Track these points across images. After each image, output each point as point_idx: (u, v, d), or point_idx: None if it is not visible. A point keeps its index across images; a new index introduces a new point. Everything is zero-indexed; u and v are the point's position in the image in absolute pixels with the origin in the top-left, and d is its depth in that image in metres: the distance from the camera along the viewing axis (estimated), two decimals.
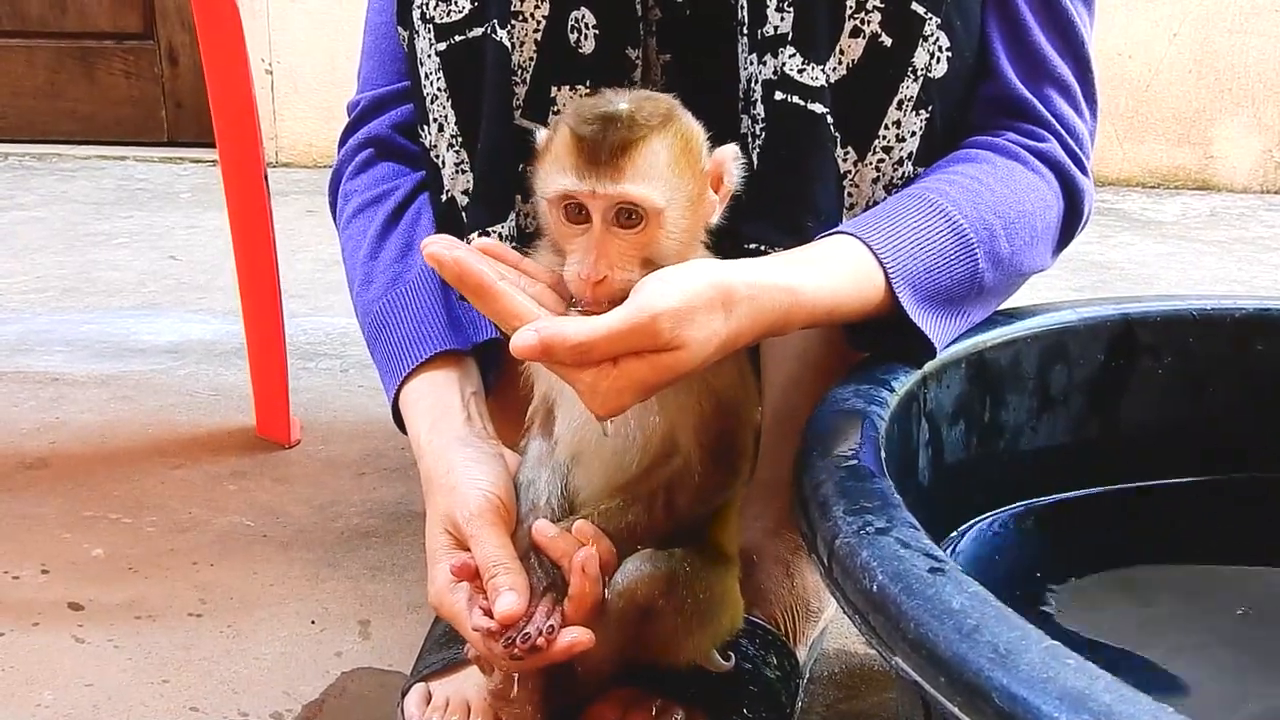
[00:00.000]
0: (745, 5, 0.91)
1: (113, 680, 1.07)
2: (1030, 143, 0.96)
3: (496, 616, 0.78)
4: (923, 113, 0.93)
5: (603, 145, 0.76)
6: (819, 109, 0.90)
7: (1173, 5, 3.01)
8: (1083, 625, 0.92)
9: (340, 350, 1.87)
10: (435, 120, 0.98)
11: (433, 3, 0.95)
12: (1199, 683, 0.86)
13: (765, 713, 0.97)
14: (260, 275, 1.51)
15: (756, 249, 0.88)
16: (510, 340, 0.72)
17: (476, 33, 0.93)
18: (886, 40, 0.90)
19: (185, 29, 3.20)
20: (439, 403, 0.93)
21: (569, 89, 0.92)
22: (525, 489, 0.87)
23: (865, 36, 0.90)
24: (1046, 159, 0.96)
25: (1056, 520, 1.02)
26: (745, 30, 0.91)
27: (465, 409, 0.92)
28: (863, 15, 0.89)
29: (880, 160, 0.93)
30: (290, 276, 1.73)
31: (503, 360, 0.97)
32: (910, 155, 0.93)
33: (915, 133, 0.93)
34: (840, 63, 0.90)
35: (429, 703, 0.95)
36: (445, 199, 0.99)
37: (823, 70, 0.89)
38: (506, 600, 0.78)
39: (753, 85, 0.91)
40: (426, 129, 1.00)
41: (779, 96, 0.90)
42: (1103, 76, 1.01)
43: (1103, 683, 0.53)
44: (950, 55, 0.92)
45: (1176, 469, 1.04)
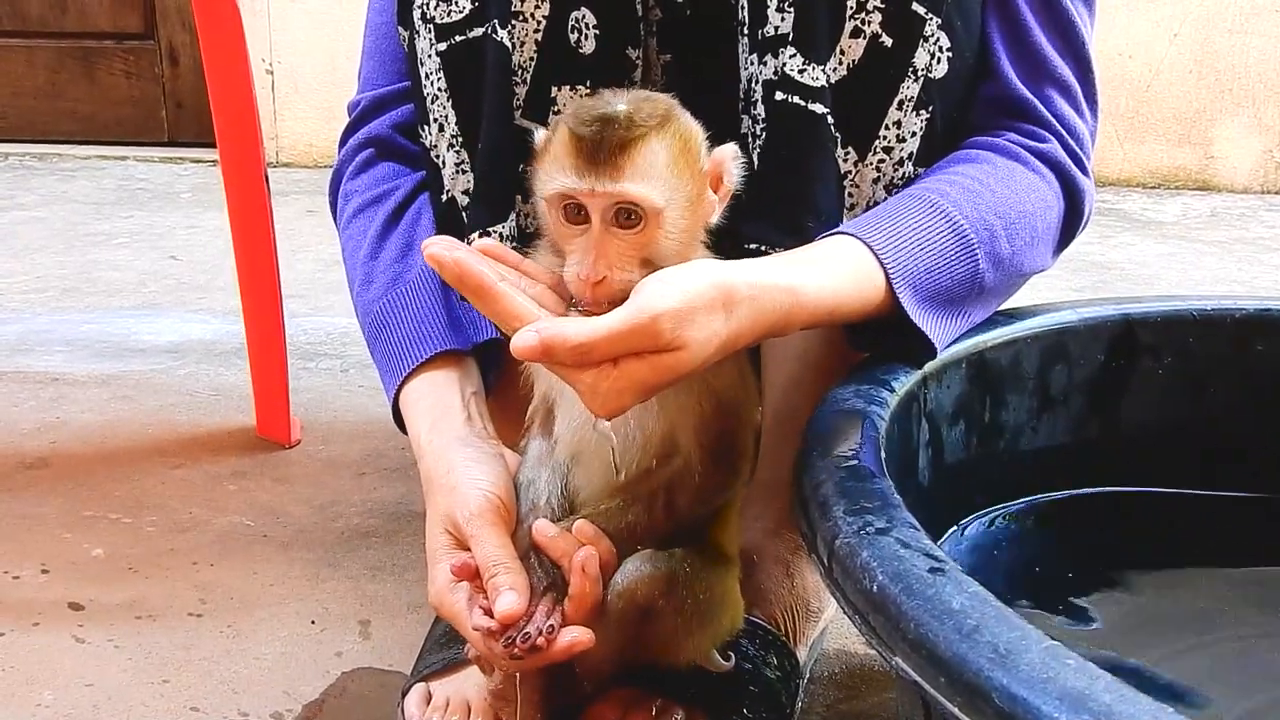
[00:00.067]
0: (746, 5, 0.91)
1: (113, 680, 1.07)
2: (1031, 143, 0.96)
3: (497, 616, 0.78)
4: (923, 113, 0.93)
5: (601, 145, 0.76)
6: (819, 109, 0.90)
7: (1173, 5, 3.01)
8: (1083, 625, 0.92)
9: (340, 350, 1.88)
10: (436, 120, 0.98)
11: (433, 3, 0.95)
12: (1199, 683, 0.86)
13: (765, 713, 0.97)
14: (260, 275, 1.51)
15: (757, 249, 0.88)
16: (510, 341, 0.72)
17: (477, 33, 0.93)
18: (887, 40, 0.90)
19: (186, 29, 3.20)
20: (439, 403, 0.93)
21: (569, 89, 0.92)
22: (525, 489, 0.87)
23: (866, 37, 0.90)
24: (1047, 159, 0.96)
25: (1057, 520, 1.02)
26: (746, 30, 0.91)
27: (465, 409, 0.92)
28: (863, 16, 0.89)
29: (881, 160, 0.93)
30: (290, 276, 1.73)
31: (503, 360, 0.97)
32: (911, 155, 0.93)
33: (916, 133, 0.93)
34: (841, 63, 0.90)
35: (429, 703, 0.95)
36: (445, 199, 0.99)
37: (823, 70, 0.89)
38: (507, 600, 0.78)
39: (753, 85, 0.91)
40: (427, 129, 1.00)
41: (779, 97, 0.90)
42: (1103, 77, 1.01)
43: (1103, 683, 0.53)
44: (951, 56, 0.92)
45: (1177, 469, 1.04)
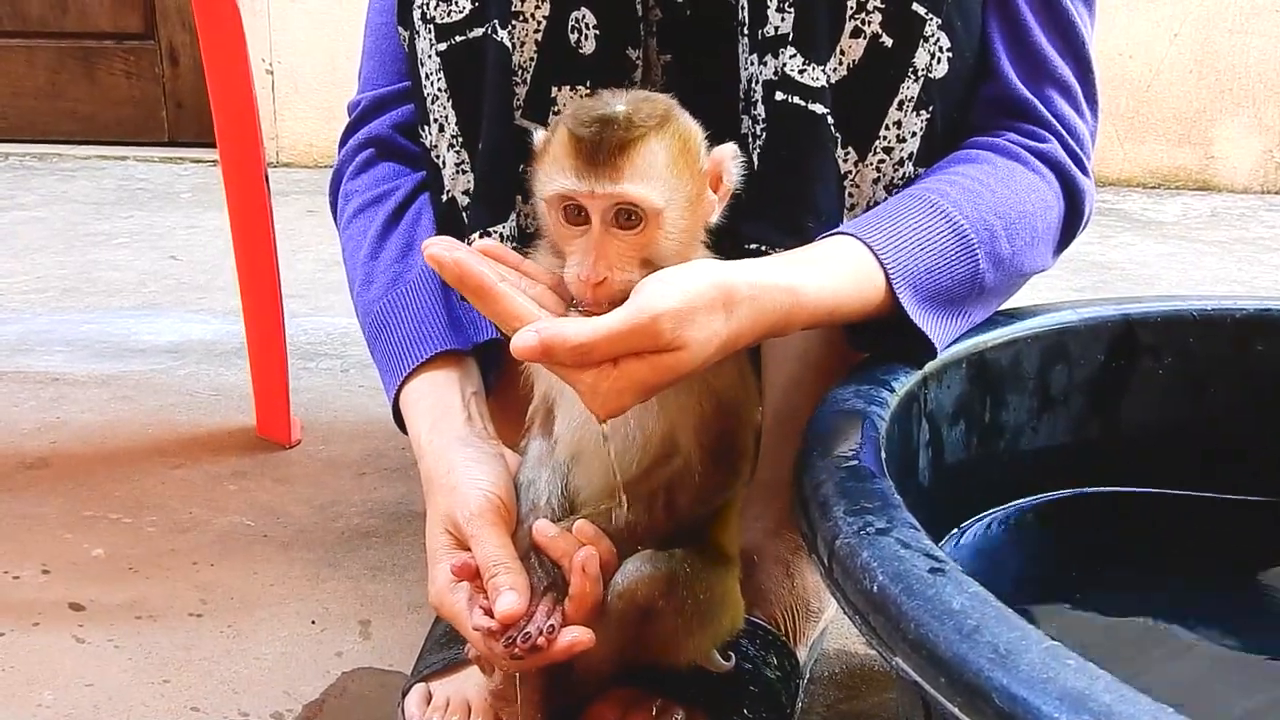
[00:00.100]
0: (746, 6, 0.91)
1: (113, 680, 1.07)
2: (1031, 143, 0.96)
3: (497, 616, 0.78)
4: (923, 113, 0.93)
5: (601, 146, 0.76)
6: (819, 109, 0.90)
7: (1173, 6, 3.01)
8: (1082, 625, 0.92)
9: (340, 350, 1.88)
10: (436, 120, 0.98)
11: (433, 3, 0.95)
12: (1198, 683, 0.86)
13: (765, 713, 0.97)
14: (260, 275, 1.51)
15: (757, 249, 0.88)
16: (510, 341, 0.72)
17: (477, 33, 0.93)
18: (887, 41, 0.90)
19: (186, 29, 3.20)
20: (439, 403, 0.93)
21: (569, 89, 0.92)
22: (525, 489, 0.87)
23: (866, 37, 0.90)
24: (1047, 159, 0.96)
25: (1056, 520, 1.02)
26: (746, 31, 0.91)
27: (466, 409, 0.92)
28: (863, 16, 0.89)
29: (881, 161, 0.93)
30: (290, 276, 1.73)
31: (503, 360, 0.97)
32: (911, 156, 0.93)
33: (916, 133, 0.93)
34: (841, 63, 0.90)
35: (429, 703, 0.95)
36: (446, 199, 0.99)
37: (823, 71, 0.89)
38: (507, 600, 0.78)
39: (753, 86, 0.91)
40: (427, 129, 1.00)
41: (779, 97, 0.90)
42: (1103, 77, 1.01)
43: (1103, 683, 0.53)
44: (951, 56, 0.92)
45: (1177, 470, 1.04)
